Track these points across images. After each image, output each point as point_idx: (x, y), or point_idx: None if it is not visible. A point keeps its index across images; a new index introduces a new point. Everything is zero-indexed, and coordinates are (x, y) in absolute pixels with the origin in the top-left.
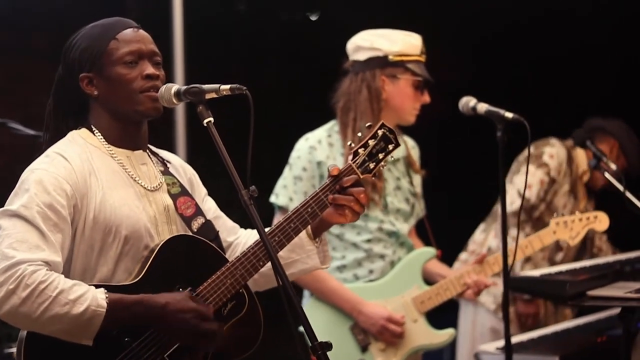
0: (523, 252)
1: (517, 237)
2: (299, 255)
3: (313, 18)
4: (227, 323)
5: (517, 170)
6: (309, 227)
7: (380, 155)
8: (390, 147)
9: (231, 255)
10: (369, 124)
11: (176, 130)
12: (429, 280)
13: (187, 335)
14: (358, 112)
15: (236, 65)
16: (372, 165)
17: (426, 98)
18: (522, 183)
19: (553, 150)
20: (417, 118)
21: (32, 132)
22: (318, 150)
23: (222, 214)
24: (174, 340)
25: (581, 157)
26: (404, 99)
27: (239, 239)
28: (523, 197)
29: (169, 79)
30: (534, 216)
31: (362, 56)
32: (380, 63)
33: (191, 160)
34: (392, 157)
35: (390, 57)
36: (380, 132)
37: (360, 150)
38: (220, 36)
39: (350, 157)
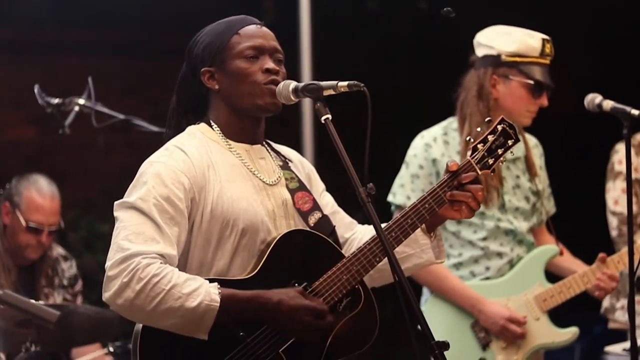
0: None
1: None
2: (413, 249)
3: (447, 11)
4: (343, 319)
5: (607, 189)
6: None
7: (500, 151)
8: (510, 142)
9: (347, 250)
10: (488, 118)
11: (303, 130)
12: (560, 275)
13: (300, 332)
14: (469, 109)
15: (364, 64)
16: (491, 161)
17: (543, 101)
18: (610, 201)
19: (620, 156)
20: (544, 115)
21: (156, 129)
22: (433, 147)
23: (339, 209)
24: (288, 336)
25: None
26: (516, 101)
27: (355, 234)
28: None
29: (296, 78)
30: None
31: (480, 52)
32: (493, 62)
33: (317, 159)
34: (512, 153)
35: (503, 57)
36: (499, 127)
37: (479, 146)
38: (348, 34)
39: (469, 152)
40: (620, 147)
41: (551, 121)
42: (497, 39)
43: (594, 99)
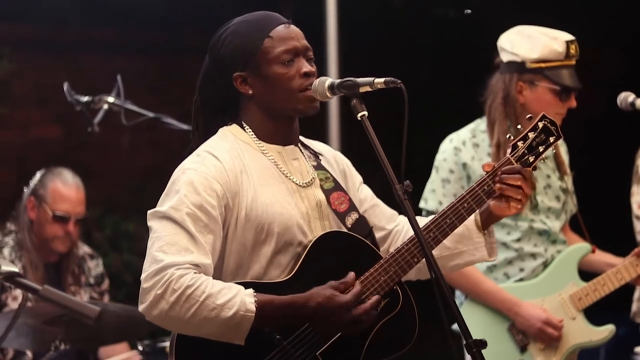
0: None
1: None
2: (466, 246)
3: (468, 12)
4: (381, 320)
5: (632, 193)
6: (479, 218)
7: (541, 148)
8: (552, 139)
9: (392, 243)
10: (529, 115)
11: (330, 129)
12: (597, 271)
13: (342, 331)
14: (496, 114)
15: (390, 62)
16: (531, 159)
17: (572, 103)
18: (635, 205)
19: None
20: (567, 114)
21: (185, 127)
22: (463, 151)
23: (379, 201)
24: (331, 334)
25: None
26: (543, 106)
27: (398, 226)
28: None
29: (323, 75)
30: None
31: (504, 58)
32: (518, 69)
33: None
34: (553, 150)
35: (528, 63)
36: (540, 124)
37: (520, 143)
38: (374, 33)
39: (509, 150)
40: None
41: (574, 121)
42: (520, 45)
43: (627, 97)
